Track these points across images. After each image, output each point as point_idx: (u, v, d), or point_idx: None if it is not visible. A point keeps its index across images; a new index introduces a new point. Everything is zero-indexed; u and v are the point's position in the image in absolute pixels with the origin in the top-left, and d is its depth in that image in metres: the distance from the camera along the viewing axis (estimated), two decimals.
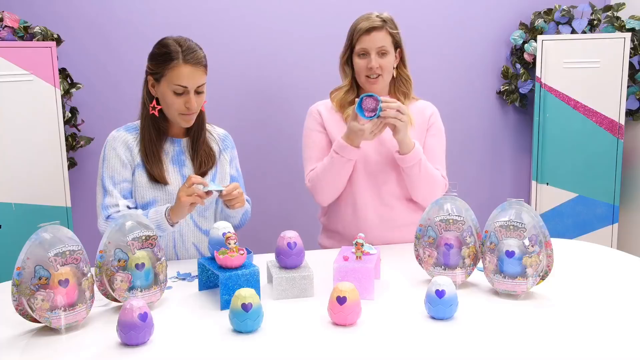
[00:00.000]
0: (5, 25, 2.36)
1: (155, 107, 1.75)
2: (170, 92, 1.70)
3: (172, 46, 1.70)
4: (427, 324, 1.31)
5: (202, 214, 1.85)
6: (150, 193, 1.76)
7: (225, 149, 1.91)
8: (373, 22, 1.89)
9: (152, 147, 1.77)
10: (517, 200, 1.46)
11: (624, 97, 2.84)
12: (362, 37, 1.90)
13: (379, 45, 1.89)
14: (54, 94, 2.37)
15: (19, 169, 2.31)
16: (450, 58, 3.03)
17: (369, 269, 1.45)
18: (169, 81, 1.70)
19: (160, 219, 1.67)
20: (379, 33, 1.89)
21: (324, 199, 1.98)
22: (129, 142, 1.78)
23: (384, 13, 1.94)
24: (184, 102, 1.71)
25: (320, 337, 1.25)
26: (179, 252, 1.83)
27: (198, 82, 1.71)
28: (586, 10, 2.89)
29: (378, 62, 1.90)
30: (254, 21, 2.82)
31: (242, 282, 1.39)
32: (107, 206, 1.74)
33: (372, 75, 1.91)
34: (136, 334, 1.20)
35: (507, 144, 3.18)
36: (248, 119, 2.85)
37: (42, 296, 1.24)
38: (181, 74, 1.68)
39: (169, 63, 1.69)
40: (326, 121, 1.99)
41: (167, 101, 1.72)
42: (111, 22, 2.68)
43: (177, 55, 1.68)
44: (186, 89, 1.70)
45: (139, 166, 1.76)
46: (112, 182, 1.75)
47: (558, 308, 1.38)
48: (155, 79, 1.74)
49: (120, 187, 1.75)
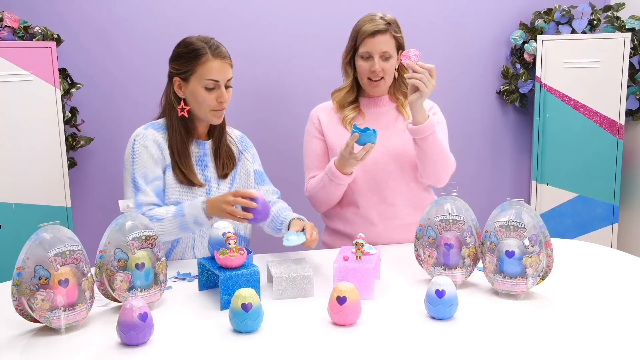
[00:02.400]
0: (5, 25, 2.36)
1: (184, 108, 1.74)
2: (202, 88, 1.71)
3: (197, 43, 1.72)
4: (427, 324, 1.31)
5: None
6: (176, 194, 1.75)
7: (245, 149, 1.93)
8: (378, 26, 1.88)
9: (183, 148, 1.76)
10: (517, 200, 1.46)
11: (624, 97, 2.84)
12: (366, 40, 1.89)
13: (383, 50, 1.89)
14: (54, 94, 2.37)
15: (19, 169, 2.31)
16: (450, 58, 3.03)
17: (369, 269, 1.45)
18: (200, 77, 1.70)
19: (197, 213, 1.65)
20: (383, 36, 1.88)
21: (320, 210, 2.03)
22: (159, 141, 1.76)
23: (388, 14, 1.93)
24: (216, 97, 1.72)
25: (320, 337, 1.25)
26: (197, 254, 1.82)
27: (227, 75, 1.73)
28: (586, 10, 2.89)
29: (381, 65, 1.90)
30: (254, 21, 2.82)
31: (242, 282, 1.39)
32: (140, 204, 1.70)
33: (375, 78, 1.91)
34: (136, 334, 1.20)
35: (507, 144, 3.18)
36: (250, 118, 2.85)
37: (42, 296, 1.24)
38: (212, 68, 1.70)
39: (199, 59, 1.70)
40: (324, 125, 1.99)
41: (199, 99, 1.72)
42: (111, 22, 2.68)
43: (205, 51, 1.70)
44: (217, 82, 1.71)
45: (169, 166, 1.75)
46: (144, 180, 1.71)
47: (558, 308, 1.38)
48: (182, 78, 1.73)
49: (153, 185, 1.72)
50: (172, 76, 1.76)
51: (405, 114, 1.98)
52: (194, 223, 1.66)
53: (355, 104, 1.99)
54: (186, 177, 1.75)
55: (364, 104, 2.01)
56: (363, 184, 1.96)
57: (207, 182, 1.80)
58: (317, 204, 1.99)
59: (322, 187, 1.90)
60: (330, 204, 1.98)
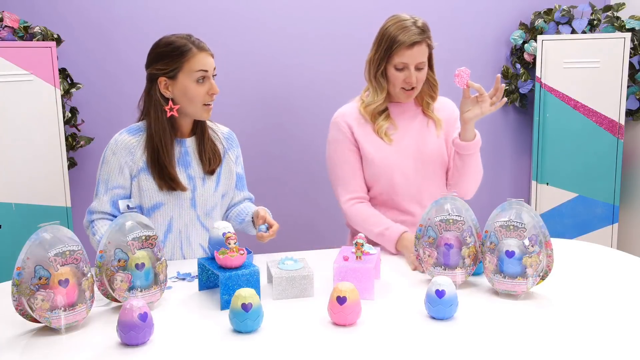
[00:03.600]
0: (5, 25, 2.36)
1: (173, 107, 1.74)
2: (193, 82, 1.71)
3: (179, 41, 1.72)
4: (427, 324, 1.31)
5: (209, 214, 1.84)
6: (157, 196, 1.75)
7: (230, 147, 1.91)
8: (413, 36, 1.80)
9: (166, 148, 1.74)
10: (517, 200, 1.46)
11: (624, 97, 2.84)
12: (404, 51, 1.81)
13: (420, 61, 1.84)
14: (54, 94, 2.37)
15: (19, 169, 2.31)
16: (450, 58, 3.03)
17: (369, 269, 1.45)
18: (190, 71, 1.71)
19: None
20: (420, 47, 1.82)
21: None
22: (131, 146, 1.75)
23: (419, 19, 1.85)
24: (208, 89, 1.73)
25: (320, 337, 1.25)
26: (185, 254, 1.83)
27: (213, 65, 1.75)
28: (586, 10, 2.89)
29: (416, 75, 1.85)
30: (256, 21, 2.82)
31: (242, 282, 1.39)
32: (93, 211, 1.76)
33: (408, 88, 1.88)
34: (136, 334, 1.20)
35: (507, 144, 3.18)
36: (258, 122, 2.85)
37: (42, 296, 1.24)
38: (200, 60, 1.71)
39: (185, 55, 1.70)
40: (359, 136, 1.91)
41: (190, 94, 1.72)
42: (111, 22, 2.68)
43: (190, 46, 1.71)
44: (207, 73, 1.72)
45: (142, 170, 1.74)
46: (105, 187, 1.75)
47: (558, 308, 1.38)
48: (169, 77, 1.72)
49: (112, 192, 1.75)
50: (155, 78, 1.74)
51: (433, 117, 1.96)
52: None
53: (386, 112, 1.93)
54: (165, 179, 1.74)
55: (393, 111, 1.95)
56: (404, 189, 1.92)
57: (191, 181, 1.79)
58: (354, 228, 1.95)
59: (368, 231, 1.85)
60: None
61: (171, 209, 1.77)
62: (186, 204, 1.79)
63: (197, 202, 1.80)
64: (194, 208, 1.80)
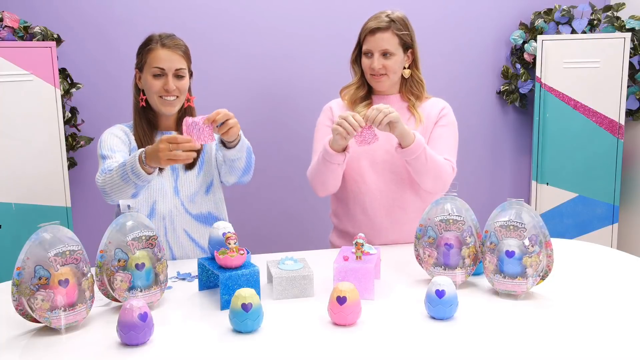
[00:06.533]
0: (5, 25, 2.36)
1: (142, 98, 1.84)
2: (150, 76, 1.79)
3: (151, 37, 1.84)
4: (427, 324, 1.31)
5: (192, 199, 1.87)
6: None
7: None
8: (379, 23, 1.89)
9: (146, 139, 1.83)
10: (517, 200, 1.46)
11: (624, 97, 2.84)
12: (368, 37, 1.91)
13: (383, 47, 1.89)
14: (54, 94, 2.37)
15: (19, 169, 2.31)
16: (450, 58, 3.03)
17: (369, 269, 1.45)
18: (149, 65, 1.80)
19: (133, 161, 1.60)
20: (383, 34, 1.89)
21: (318, 193, 1.98)
22: (126, 132, 1.86)
23: (396, 12, 1.93)
24: (162, 84, 1.79)
25: (320, 337, 1.25)
26: (170, 239, 1.85)
27: (176, 65, 1.80)
28: (586, 10, 2.89)
29: (381, 62, 1.90)
30: (256, 20, 2.82)
31: (242, 282, 1.39)
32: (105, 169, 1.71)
33: (373, 73, 1.92)
34: (136, 334, 1.20)
35: (507, 144, 3.18)
36: (255, 118, 2.85)
37: (42, 296, 1.24)
38: (157, 56, 1.79)
39: (149, 50, 1.80)
40: (336, 116, 1.95)
41: (147, 87, 1.81)
42: (111, 22, 2.68)
43: (155, 41, 1.81)
44: (163, 70, 1.79)
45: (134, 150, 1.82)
46: (110, 151, 1.78)
47: (558, 308, 1.38)
48: (139, 69, 1.84)
49: (119, 154, 1.78)
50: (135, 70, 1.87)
51: (417, 114, 1.96)
52: (132, 172, 1.61)
53: (368, 101, 1.99)
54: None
55: (376, 101, 1.99)
56: (370, 185, 1.94)
57: (174, 172, 1.86)
58: (315, 185, 1.95)
59: (319, 169, 1.88)
60: (327, 188, 1.93)
61: (155, 192, 1.82)
62: (170, 192, 1.84)
63: (179, 189, 1.86)
64: (177, 195, 1.85)
